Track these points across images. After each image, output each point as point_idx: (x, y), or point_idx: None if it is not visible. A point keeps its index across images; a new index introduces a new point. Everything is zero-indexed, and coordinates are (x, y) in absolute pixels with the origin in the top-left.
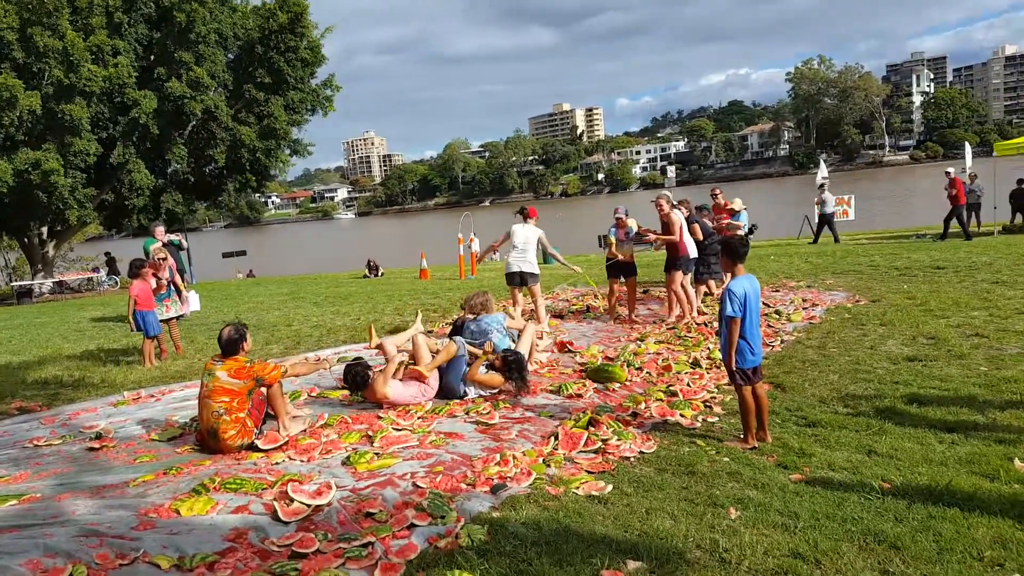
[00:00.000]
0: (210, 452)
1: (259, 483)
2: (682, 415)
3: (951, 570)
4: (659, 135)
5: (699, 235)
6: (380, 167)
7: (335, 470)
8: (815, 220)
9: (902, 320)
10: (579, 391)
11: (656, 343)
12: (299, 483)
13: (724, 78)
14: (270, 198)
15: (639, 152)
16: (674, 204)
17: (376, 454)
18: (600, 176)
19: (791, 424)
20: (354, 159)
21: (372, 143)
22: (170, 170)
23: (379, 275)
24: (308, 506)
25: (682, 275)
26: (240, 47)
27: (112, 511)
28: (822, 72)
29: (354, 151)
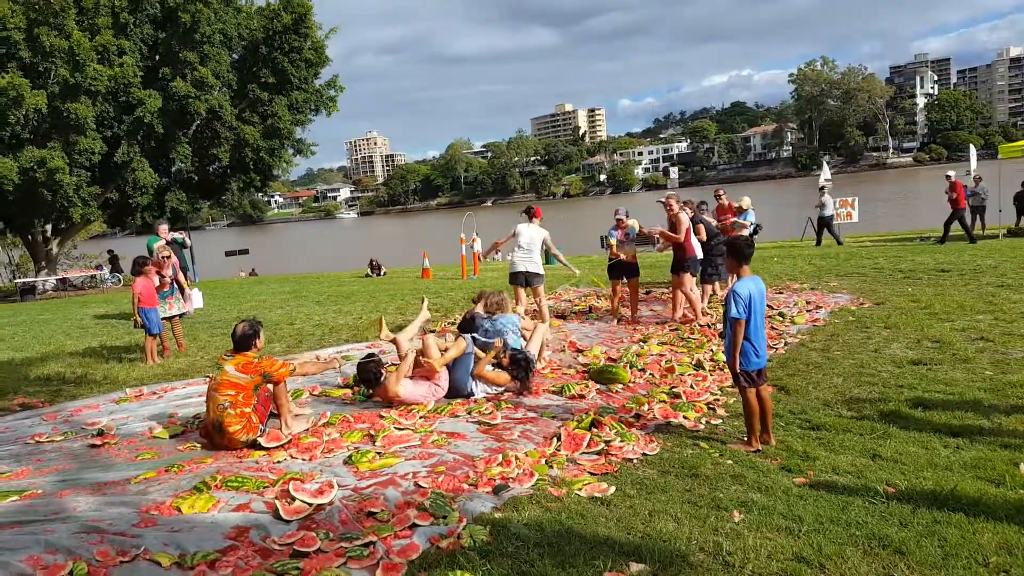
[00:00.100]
0: (215, 447)
1: (261, 481)
2: (685, 417)
3: None
4: (661, 136)
5: (703, 235)
6: (383, 167)
7: (337, 469)
8: (816, 222)
9: (906, 323)
10: (582, 392)
11: (659, 344)
12: (301, 482)
13: (727, 79)
14: (273, 197)
15: (641, 153)
16: (682, 205)
17: (378, 453)
18: (602, 177)
19: (795, 427)
20: (357, 159)
21: (375, 143)
22: (174, 169)
23: (381, 274)
24: (310, 505)
25: (691, 277)
26: (244, 47)
27: (113, 508)
28: (825, 73)
29: (357, 151)
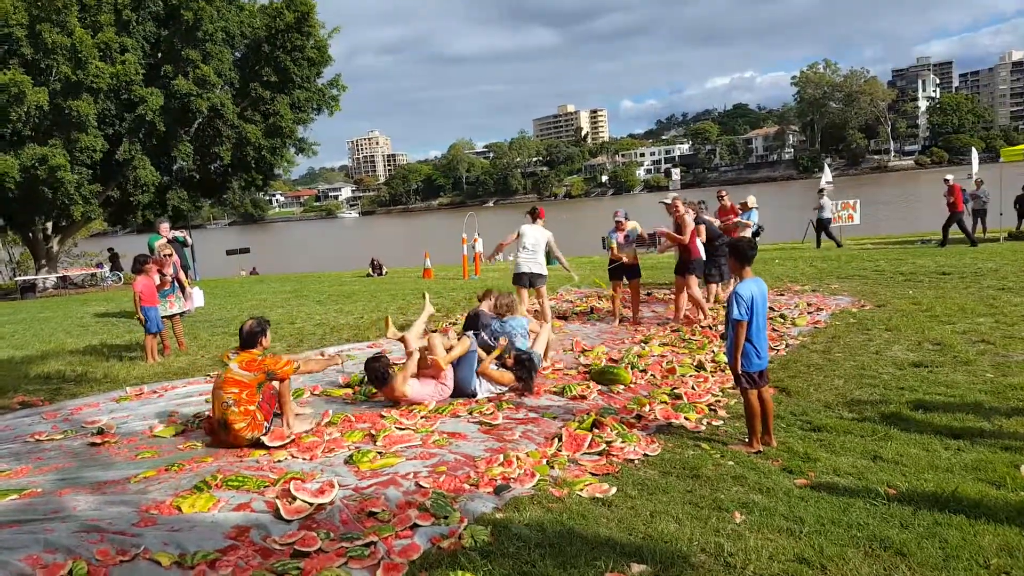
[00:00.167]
0: (220, 444)
1: (261, 481)
2: (687, 418)
3: None
4: (663, 137)
5: (703, 236)
6: (384, 167)
7: (338, 469)
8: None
9: (908, 326)
10: (583, 393)
11: (660, 345)
12: (301, 481)
13: (729, 81)
14: (274, 196)
15: (643, 154)
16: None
17: (379, 453)
18: (604, 178)
19: (796, 429)
20: (358, 158)
21: (377, 142)
22: (175, 167)
23: (383, 274)
24: (310, 504)
25: (696, 279)
26: (247, 46)
27: (113, 507)
28: (827, 76)
29: (358, 150)
